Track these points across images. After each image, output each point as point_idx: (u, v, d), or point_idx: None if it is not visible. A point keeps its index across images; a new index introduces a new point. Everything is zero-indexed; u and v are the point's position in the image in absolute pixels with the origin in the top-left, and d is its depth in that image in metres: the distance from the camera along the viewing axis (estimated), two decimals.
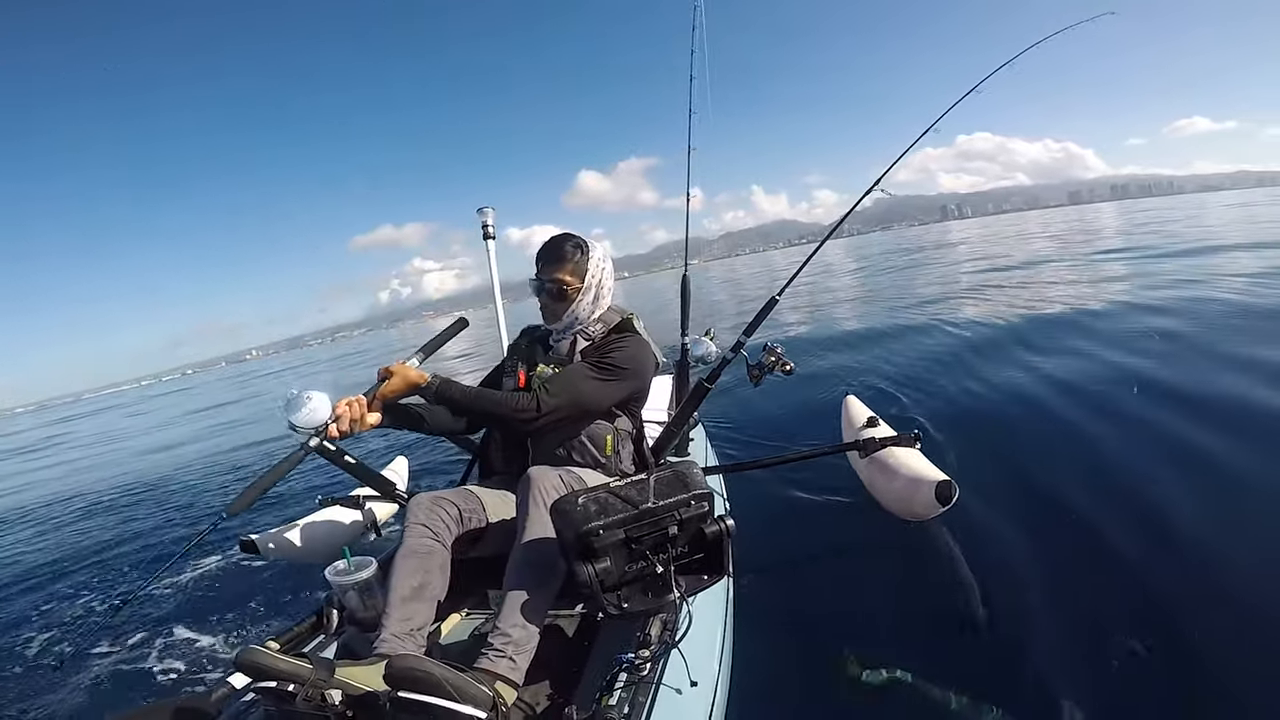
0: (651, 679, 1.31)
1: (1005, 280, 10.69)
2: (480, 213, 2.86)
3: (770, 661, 1.93)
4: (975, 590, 2.14)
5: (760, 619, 2.11)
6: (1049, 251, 15.71)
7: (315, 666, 1.28)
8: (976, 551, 2.35)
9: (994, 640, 1.92)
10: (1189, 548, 2.19)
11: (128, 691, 2.48)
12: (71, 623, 3.26)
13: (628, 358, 1.79)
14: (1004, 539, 2.41)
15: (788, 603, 2.27)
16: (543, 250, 1.86)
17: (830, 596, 2.32)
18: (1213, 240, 12.74)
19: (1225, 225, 17.16)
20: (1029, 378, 4.41)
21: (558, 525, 1.40)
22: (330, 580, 1.71)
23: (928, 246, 29.29)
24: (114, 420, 22.22)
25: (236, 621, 2.88)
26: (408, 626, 1.47)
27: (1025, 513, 2.57)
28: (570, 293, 1.83)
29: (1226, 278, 7.41)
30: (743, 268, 35.53)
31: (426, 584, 1.55)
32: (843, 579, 2.44)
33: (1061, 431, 3.38)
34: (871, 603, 2.23)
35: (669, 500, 1.37)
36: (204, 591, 3.32)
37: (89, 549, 4.56)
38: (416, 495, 1.71)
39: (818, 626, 2.13)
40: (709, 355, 2.89)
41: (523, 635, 1.37)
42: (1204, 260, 9.47)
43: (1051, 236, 22.32)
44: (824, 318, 9.56)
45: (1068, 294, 8.09)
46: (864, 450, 2.51)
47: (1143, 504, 2.48)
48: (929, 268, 17.29)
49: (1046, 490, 2.74)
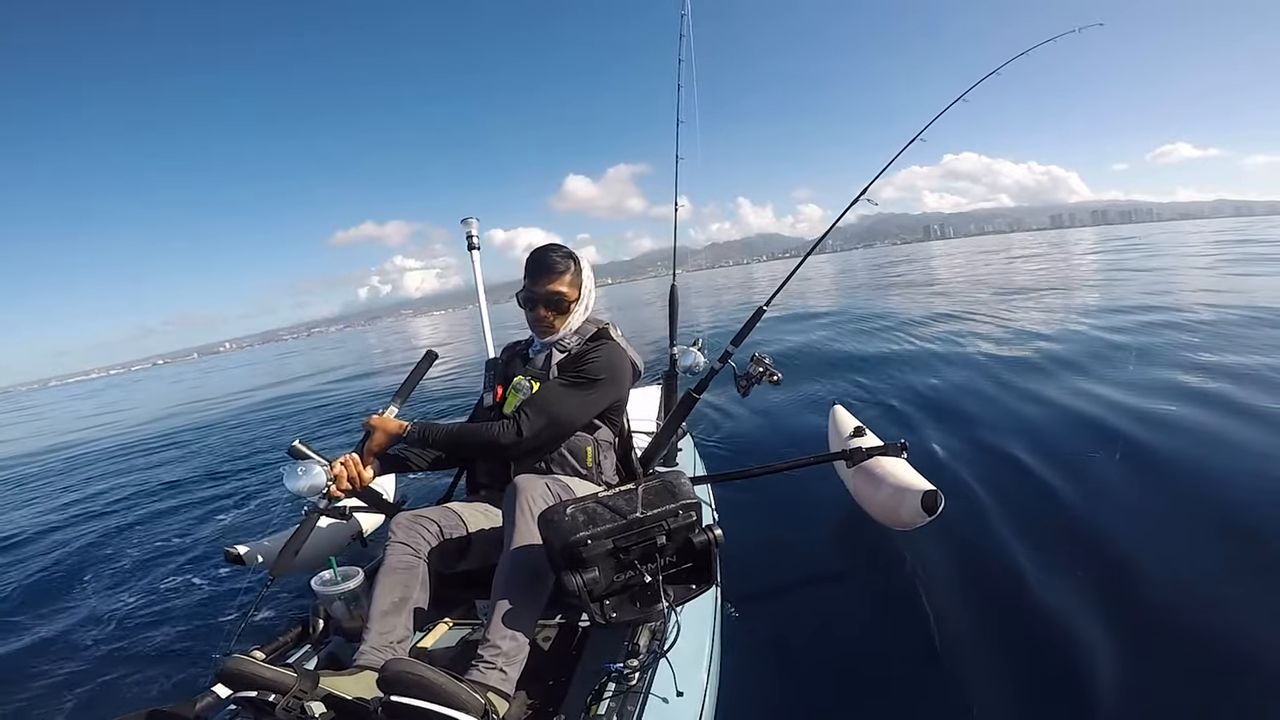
0: (640, 689, 1.32)
1: (993, 296, 10.90)
2: (465, 223, 2.86)
3: (758, 671, 1.94)
4: (959, 601, 2.17)
5: (748, 628, 2.12)
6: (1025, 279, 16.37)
7: (299, 676, 1.28)
8: (962, 562, 2.38)
9: (974, 653, 1.93)
10: (1179, 558, 2.23)
11: (111, 701, 2.44)
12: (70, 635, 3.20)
13: (603, 366, 1.79)
14: (989, 549, 2.44)
15: (776, 612, 2.28)
16: (534, 263, 1.84)
17: (818, 606, 2.33)
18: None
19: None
20: (1019, 390, 4.48)
21: (546, 535, 1.40)
22: (317, 590, 1.70)
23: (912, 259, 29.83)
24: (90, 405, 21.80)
25: (222, 631, 2.85)
26: (387, 639, 1.48)
27: (1011, 522, 2.60)
28: (568, 305, 1.84)
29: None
30: (722, 279, 35.87)
31: (406, 598, 1.57)
32: (830, 588, 2.47)
33: (1050, 441, 3.44)
34: (858, 612, 2.24)
35: (657, 510, 1.38)
36: (190, 601, 3.28)
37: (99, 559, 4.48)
38: (397, 515, 1.72)
39: (805, 636, 2.14)
40: (697, 365, 2.89)
41: (512, 647, 1.37)
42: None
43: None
44: (811, 328, 9.62)
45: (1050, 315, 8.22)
46: (851, 460, 2.51)
47: (1129, 508, 2.52)
48: (912, 282, 17.82)
49: (1033, 500, 2.79)
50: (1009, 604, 2.11)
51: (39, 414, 24.67)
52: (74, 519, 5.69)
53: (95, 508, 5.96)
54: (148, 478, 6.93)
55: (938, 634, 2.04)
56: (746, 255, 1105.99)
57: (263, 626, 2.76)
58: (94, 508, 6.00)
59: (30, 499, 7.00)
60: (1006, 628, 2.00)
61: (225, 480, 6.46)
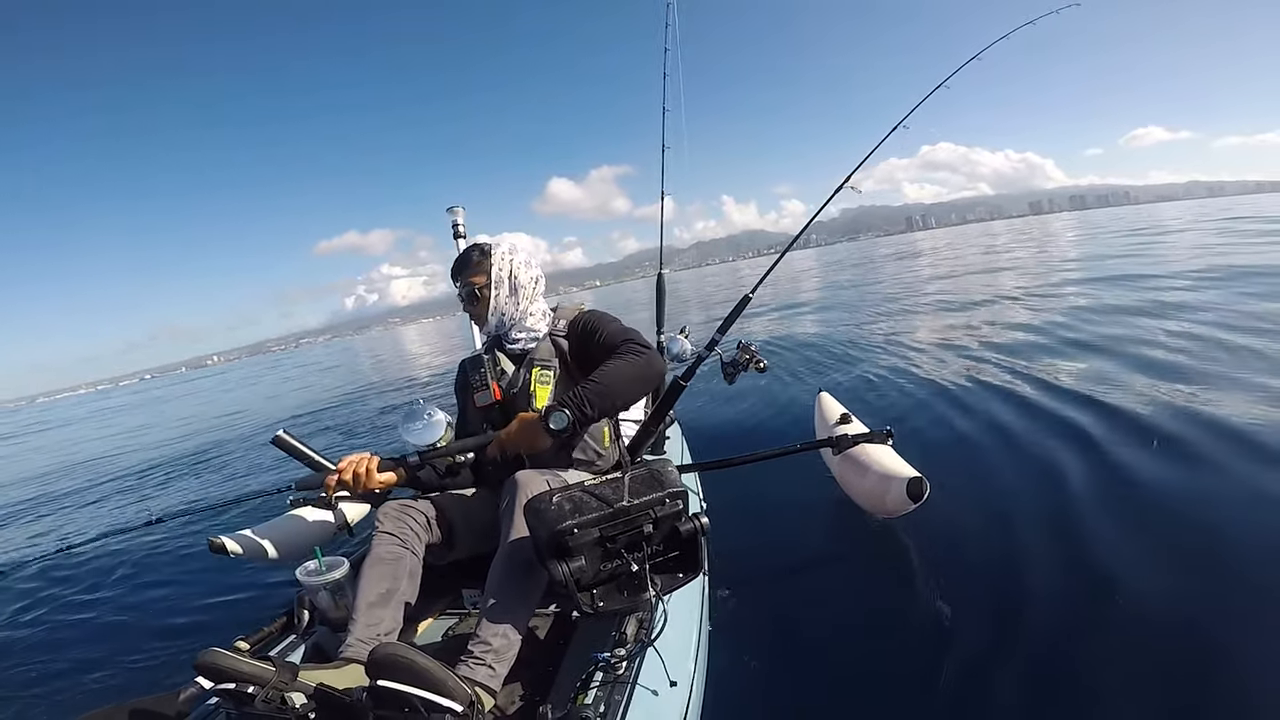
0: (627, 678, 1.32)
1: (977, 284, 10.92)
2: (450, 212, 2.80)
3: (746, 660, 1.95)
4: (944, 587, 2.18)
5: (736, 616, 2.14)
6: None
7: (278, 669, 1.27)
8: (947, 548, 2.40)
9: (961, 638, 1.94)
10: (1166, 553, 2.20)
11: (94, 692, 2.42)
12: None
13: (621, 327, 1.77)
14: (974, 535, 2.46)
15: (763, 600, 2.30)
16: (453, 266, 1.93)
17: (805, 593, 2.35)
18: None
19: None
20: (1004, 378, 4.51)
21: (532, 524, 1.39)
22: (301, 580, 1.68)
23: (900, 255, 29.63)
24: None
25: (205, 622, 2.83)
26: (373, 632, 1.47)
27: (995, 510, 2.62)
28: (482, 293, 1.86)
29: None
30: (710, 276, 35.33)
31: (394, 590, 1.55)
32: (817, 575, 2.48)
33: (1034, 428, 3.45)
34: (845, 599, 2.26)
35: (644, 499, 1.38)
36: (173, 592, 3.26)
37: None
38: (384, 504, 1.70)
39: (793, 623, 2.15)
40: (684, 353, 2.89)
41: (503, 644, 1.36)
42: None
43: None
44: (796, 316, 9.65)
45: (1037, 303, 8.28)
46: (837, 447, 2.51)
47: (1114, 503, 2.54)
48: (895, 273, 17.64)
49: (1014, 489, 2.80)
50: (996, 591, 2.13)
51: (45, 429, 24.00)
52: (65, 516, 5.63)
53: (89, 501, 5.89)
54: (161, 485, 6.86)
55: (925, 621, 2.06)
56: (732, 253, 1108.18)
57: (247, 617, 2.75)
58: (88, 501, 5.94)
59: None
60: (994, 615, 2.01)
61: (212, 471, 6.40)
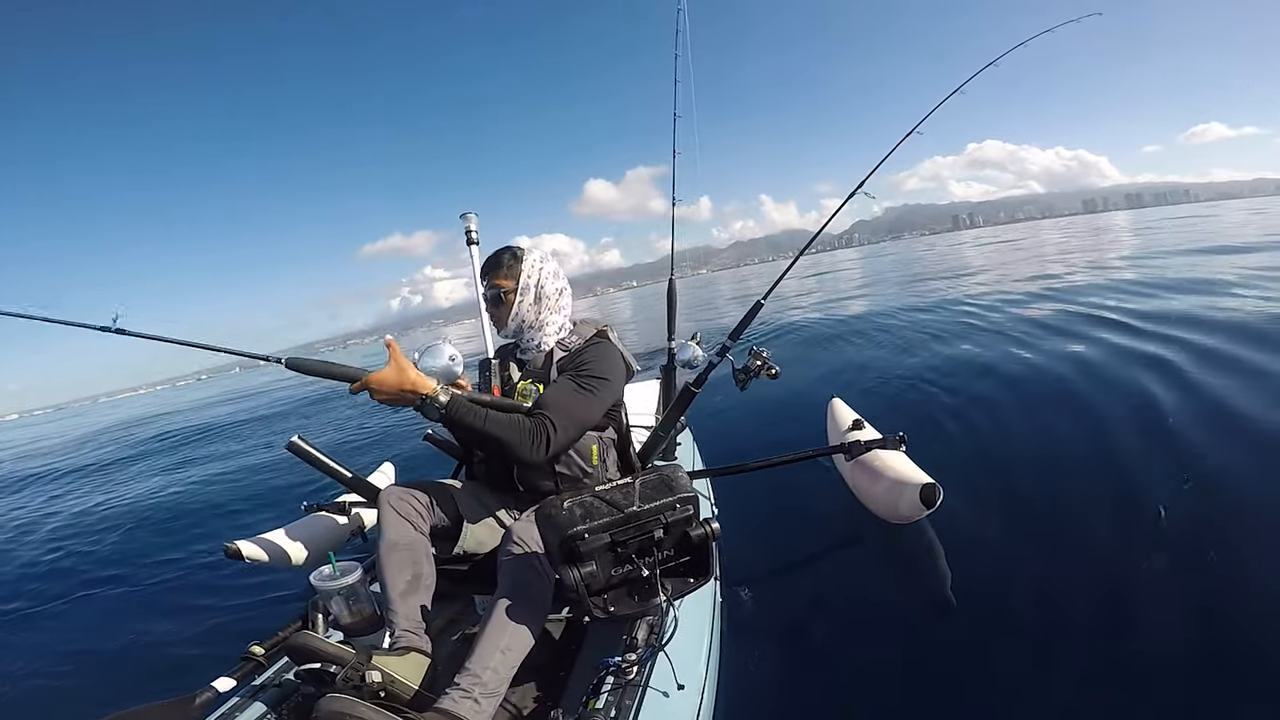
0: (638, 682, 1.32)
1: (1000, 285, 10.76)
2: (463, 219, 2.80)
3: (758, 664, 1.94)
4: (958, 594, 2.16)
5: (747, 622, 2.13)
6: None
7: (358, 652, 1.40)
8: (961, 554, 2.37)
9: (975, 648, 1.92)
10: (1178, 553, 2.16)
11: (109, 696, 2.45)
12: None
13: (605, 368, 1.76)
14: (988, 542, 2.43)
15: (774, 605, 2.28)
16: (483, 264, 1.93)
17: (816, 599, 2.33)
18: None
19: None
20: (1021, 379, 4.45)
21: (543, 530, 1.40)
22: (316, 585, 1.70)
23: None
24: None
25: (221, 627, 2.85)
26: (414, 620, 1.54)
27: (1010, 516, 2.58)
28: (507, 297, 1.85)
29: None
30: (753, 279, 34.67)
31: (419, 574, 1.60)
32: (828, 581, 2.46)
33: (1048, 436, 3.39)
34: (856, 605, 2.25)
35: (654, 504, 1.38)
36: (188, 597, 3.29)
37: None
38: (385, 490, 1.72)
39: (804, 629, 2.14)
40: (695, 360, 2.89)
41: (493, 680, 1.34)
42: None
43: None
44: (811, 321, 9.60)
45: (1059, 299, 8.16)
46: (849, 453, 2.50)
47: (1128, 504, 2.50)
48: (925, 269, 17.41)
49: (1031, 493, 2.76)
50: (1009, 598, 2.10)
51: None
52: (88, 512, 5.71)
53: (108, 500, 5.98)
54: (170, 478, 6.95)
55: (937, 628, 2.04)
56: (771, 252, 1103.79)
57: (262, 621, 2.77)
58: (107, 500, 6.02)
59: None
60: (1007, 622, 1.99)
61: (226, 477, 6.47)
